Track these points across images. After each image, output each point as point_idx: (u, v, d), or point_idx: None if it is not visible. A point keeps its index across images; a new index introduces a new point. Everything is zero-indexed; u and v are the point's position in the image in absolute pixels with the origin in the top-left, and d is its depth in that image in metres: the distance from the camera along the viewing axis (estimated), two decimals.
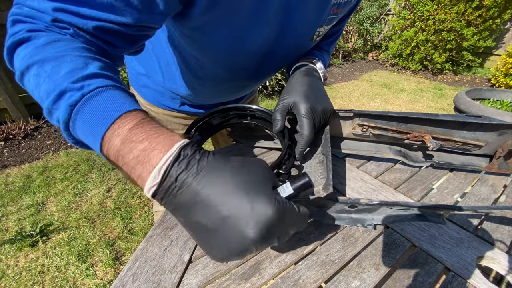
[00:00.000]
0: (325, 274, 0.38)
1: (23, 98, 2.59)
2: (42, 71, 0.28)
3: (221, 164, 0.25)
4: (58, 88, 0.26)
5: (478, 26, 3.76)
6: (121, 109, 0.25)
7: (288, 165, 0.47)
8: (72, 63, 0.28)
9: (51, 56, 0.28)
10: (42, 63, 0.28)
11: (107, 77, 0.28)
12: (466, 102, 2.33)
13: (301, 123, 0.47)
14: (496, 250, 0.41)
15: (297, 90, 0.50)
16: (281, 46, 0.54)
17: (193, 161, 0.24)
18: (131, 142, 0.24)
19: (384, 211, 0.42)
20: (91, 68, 0.28)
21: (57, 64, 0.27)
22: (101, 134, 0.25)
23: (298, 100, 0.48)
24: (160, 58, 0.61)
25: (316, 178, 0.49)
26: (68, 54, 0.28)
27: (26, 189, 1.84)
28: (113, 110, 0.25)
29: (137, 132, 0.24)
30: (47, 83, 0.27)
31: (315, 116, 0.48)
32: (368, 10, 4.67)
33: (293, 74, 0.55)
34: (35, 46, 0.29)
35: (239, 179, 0.24)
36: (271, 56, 0.56)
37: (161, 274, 0.39)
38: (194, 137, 0.58)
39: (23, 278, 1.27)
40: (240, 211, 0.23)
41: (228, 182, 0.24)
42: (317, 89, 0.52)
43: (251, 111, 0.58)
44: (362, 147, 0.61)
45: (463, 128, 0.51)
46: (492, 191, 0.52)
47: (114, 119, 0.25)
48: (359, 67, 4.82)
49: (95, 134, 0.25)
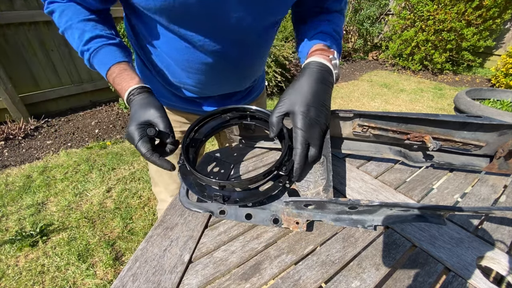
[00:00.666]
0: (325, 274, 0.38)
1: (23, 98, 2.60)
2: (67, 36, 0.56)
3: (136, 100, 0.50)
4: (78, 50, 0.55)
5: (478, 26, 3.76)
6: (110, 62, 0.53)
7: (288, 166, 0.47)
8: (77, 30, 0.53)
9: (65, 26, 0.54)
10: (65, 31, 0.55)
11: (98, 36, 0.54)
12: (466, 102, 2.33)
13: (295, 135, 0.46)
14: (496, 250, 0.41)
15: (299, 98, 0.46)
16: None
17: (134, 96, 0.50)
18: (116, 82, 0.53)
19: (384, 212, 0.42)
20: (87, 34, 0.53)
21: (71, 32, 0.54)
22: (105, 72, 0.54)
23: (297, 110, 0.46)
24: (140, 50, 0.69)
25: (316, 179, 0.49)
26: (73, 24, 0.53)
27: (26, 189, 1.84)
28: (107, 62, 0.53)
29: (119, 77, 0.52)
30: (73, 43, 0.56)
31: (311, 130, 0.46)
32: (368, 10, 4.67)
33: (303, 74, 0.49)
34: (55, 19, 0.56)
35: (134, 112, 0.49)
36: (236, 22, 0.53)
37: (161, 274, 0.39)
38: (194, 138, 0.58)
39: (23, 278, 1.27)
40: (130, 119, 0.48)
41: (133, 111, 0.49)
42: (320, 100, 0.47)
43: (251, 112, 0.58)
44: (362, 147, 0.61)
45: (463, 129, 0.51)
46: (492, 191, 0.52)
47: (109, 67, 0.53)
48: (359, 67, 4.82)
49: (102, 71, 0.55)
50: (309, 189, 0.48)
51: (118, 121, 2.80)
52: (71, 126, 2.71)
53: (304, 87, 0.47)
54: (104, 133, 2.60)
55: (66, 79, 2.86)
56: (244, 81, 0.74)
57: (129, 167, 2.11)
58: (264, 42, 0.66)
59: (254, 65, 0.71)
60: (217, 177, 0.59)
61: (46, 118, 2.76)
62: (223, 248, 0.43)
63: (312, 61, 0.50)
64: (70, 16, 0.53)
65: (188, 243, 0.44)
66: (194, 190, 0.48)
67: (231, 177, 0.61)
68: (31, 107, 2.70)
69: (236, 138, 0.70)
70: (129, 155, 2.25)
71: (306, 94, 0.46)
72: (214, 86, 0.70)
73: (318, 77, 0.48)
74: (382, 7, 4.90)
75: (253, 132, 0.67)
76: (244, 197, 0.47)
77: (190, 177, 0.50)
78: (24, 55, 2.54)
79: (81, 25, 0.53)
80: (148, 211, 1.68)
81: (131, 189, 1.86)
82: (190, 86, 0.68)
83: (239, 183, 0.46)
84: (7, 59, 2.46)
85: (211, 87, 0.70)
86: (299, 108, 0.46)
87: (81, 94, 3.01)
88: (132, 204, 1.74)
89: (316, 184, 0.48)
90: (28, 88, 2.66)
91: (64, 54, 2.76)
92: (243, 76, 0.72)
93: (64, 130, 2.62)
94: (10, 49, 2.46)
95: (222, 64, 0.62)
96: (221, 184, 0.45)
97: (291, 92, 0.48)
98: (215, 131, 0.62)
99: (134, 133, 0.46)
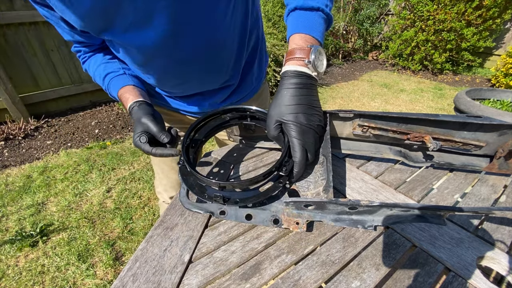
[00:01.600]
0: (325, 275, 0.38)
1: (23, 98, 2.60)
2: (96, 81, 0.72)
3: (133, 114, 0.60)
4: (103, 88, 0.71)
5: (478, 26, 3.76)
6: (117, 89, 0.67)
7: (288, 166, 0.47)
8: (98, 75, 0.70)
9: (93, 75, 0.72)
10: (94, 78, 0.72)
11: (109, 73, 0.68)
12: (466, 102, 2.33)
13: (292, 145, 0.47)
14: (497, 250, 0.41)
15: (284, 109, 0.47)
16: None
17: (133, 109, 0.61)
18: (123, 101, 0.65)
19: (384, 212, 0.42)
20: (102, 74, 0.68)
21: (98, 77, 0.70)
22: (117, 97, 0.67)
23: (287, 120, 0.47)
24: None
25: (317, 179, 0.49)
26: (95, 71, 0.70)
27: (26, 189, 1.84)
28: (115, 89, 0.67)
29: (122, 99, 0.65)
30: (101, 85, 0.71)
31: (305, 136, 0.47)
32: (368, 10, 4.67)
33: (282, 85, 0.49)
34: (89, 71, 0.73)
35: (134, 125, 0.59)
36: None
37: (161, 275, 0.39)
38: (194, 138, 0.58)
39: (23, 278, 1.27)
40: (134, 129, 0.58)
41: (134, 123, 0.60)
42: (306, 105, 0.48)
43: (251, 112, 0.58)
44: (362, 147, 0.61)
45: (463, 129, 0.51)
46: (492, 191, 0.52)
47: (117, 93, 0.67)
48: (359, 67, 4.82)
49: (116, 98, 0.68)
50: (309, 190, 0.48)
51: (118, 121, 2.80)
52: (71, 126, 2.71)
53: (285, 96, 0.48)
54: (104, 133, 2.60)
55: (66, 79, 2.86)
56: (210, 75, 0.70)
57: (129, 167, 2.11)
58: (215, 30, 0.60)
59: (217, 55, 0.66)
60: (217, 177, 0.59)
61: (46, 118, 2.76)
62: (223, 248, 0.43)
63: (288, 70, 0.50)
64: (92, 65, 0.71)
65: (188, 243, 0.44)
66: (194, 190, 0.48)
67: (231, 177, 0.61)
68: (31, 107, 2.71)
69: (236, 138, 0.70)
70: (129, 155, 2.25)
71: (289, 103, 0.47)
72: (176, 83, 0.71)
73: (297, 84, 0.48)
74: (382, 7, 4.90)
75: (253, 132, 0.67)
76: (244, 197, 0.47)
77: (190, 178, 0.50)
78: (24, 55, 2.54)
79: (99, 70, 0.69)
80: (148, 211, 1.68)
81: (131, 189, 1.86)
82: (154, 84, 0.73)
83: (239, 183, 0.46)
84: (7, 59, 2.46)
85: (172, 84, 0.72)
86: (288, 118, 0.47)
87: (81, 94, 3.01)
88: (132, 204, 1.74)
89: (316, 185, 0.48)
90: (28, 88, 2.66)
91: (64, 54, 2.76)
92: (207, 69, 0.68)
93: (64, 130, 2.62)
94: (10, 49, 2.46)
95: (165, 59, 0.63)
96: (221, 185, 0.45)
97: (275, 105, 0.49)
98: (215, 132, 0.62)
99: (137, 141, 0.56)
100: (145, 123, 0.57)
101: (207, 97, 0.77)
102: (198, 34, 0.58)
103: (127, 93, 0.65)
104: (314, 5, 0.54)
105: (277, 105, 0.48)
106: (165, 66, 0.64)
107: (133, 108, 0.60)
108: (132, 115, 0.60)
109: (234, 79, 0.76)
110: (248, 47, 0.73)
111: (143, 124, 0.57)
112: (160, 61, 0.62)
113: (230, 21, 0.61)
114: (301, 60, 0.49)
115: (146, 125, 0.57)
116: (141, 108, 0.60)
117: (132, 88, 0.66)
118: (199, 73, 0.68)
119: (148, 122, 0.57)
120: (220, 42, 0.63)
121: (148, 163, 2.15)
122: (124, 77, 0.68)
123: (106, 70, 0.68)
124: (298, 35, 0.53)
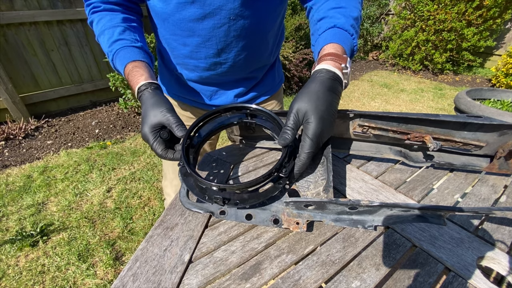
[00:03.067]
0: (326, 274, 0.38)
1: (24, 98, 2.60)
2: (100, 41, 0.63)
3: (144, 98, 0.54)
4: (106, 51, 0.62)
5: (478, 26, 3.75)
6: (127, 60, 0.59)
7: (288, 168, 0.47)
8: (107, 35, 0.61)
9: (99, 32, 0.62)
10: (99, 36, 0.63)
11: (122, 39, 0.60)
12: (466, 102, 2.33)
13: (303, 143, 0.45)
14: (497, 251, 0.41)
15: (314, 106, 0.45)
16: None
17: (142, 92, 0.54)
18: (129, 79, 0.58)
19: (385, 212, 0.42)
20: (114, 36, 0.60)
21: (103, 37, 0.62)
22: (122, 71, 0.60)
23: (312, 120, 0.44)
24: (158, 38, 0.73)
25: (317, 179, 0.49)
26: (105, 30, 0.61)
27: (26, 189, 1.84)
28: (125, 60, 0.59)
29: (131, 74, 0.57)
30: (103, 48, 0.63)
31: (320, 141, 0.46)
32: (368, 10, 4.66)
33: (315, 82, 0.47)
34: (93, 27, 0.64)
35: (146, 112, 0.52)
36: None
37: (161, 274, 0.39)
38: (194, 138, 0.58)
39: (23, 278, 1.27)
40: (142, 119, 0.52)
41: (144, 110, 0.53)
42: (332, 111, 0.47)
43: (251, 111, 0.58)
44: (362, 147, 0.61)
45: (463, 129, 0.51)
46: (492, 192, 0.52)
47: (125, 64, 0.58)
48: (360, 67, 4.82)
49: (121, 71, 0.60)
50: (309, 190, 0.48)
51: (118, 121, 2.80)
52: (72, 126, 2.71)
53: (317, 95, 0.46)
54: (104, 133, 2.60)
55: (66, 79, 2.86)
56: (250, 54, 0.70)
57: (129, 167, 2.11)
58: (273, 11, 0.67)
59: (263, 36, 0.69)
60: (217, 178, 0.59)
61: (47, 118, 2.76)
62: (223, 248, 0.43)
63: (324, 68, 0.48)
64: (104, 23, 0.62)
65: (188, 243, 0.44)
66: (194, 191, 0.48)
67: (231, 177, 0.61)
68: (32, 107, 2.71)
69: (236, 138, 0.70)
70: (129, 155, 2.25)
71: (320, 103, 0.45)
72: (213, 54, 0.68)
73: (329, 87, 0.47)
74: (382, 7, 4.90)
75: (253, 132, 0.67)
76: (244, 199, 0.47)
77: (191, 179, 0.50)
78: (24, 55, 2.54)
79: (111, 30, 0.61)
80: (148, 211, 1.68)
81: (131, 189, 1.86)
82: (188, 57, 0.70)
83: (239, 186, 0.46)
84: (7, 59, 2.46)
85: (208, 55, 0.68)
86: (314, 117, 0.44)
87: (81, 94, 3.01)
88: (132, 204, 1.74)
89: (316, 185, 0.48)
90: (29, 88, 2.66)
91: (64, 54, 2.76)
92: (250, 47, 0.68)
93: (65, 130, 2.63)
94: (10, 49, 2.46)
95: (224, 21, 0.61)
96: (221, 187, 0.45)
97: (304, 99, 0.46)
98: (215, 131, 0.62)
99: (148, 135, 0.51)
100: (164, 111, 0.51)
101: (230, 86, 0.77)
102: (261, 8, 0.62)
103: (140, 68, 0.57)
104: (349, 30, 0.57)
105: (306, 101, 0.45)
106: (214, 29, 0.62)
107: (146, 89, 0.54)
108: (144, 97, 0.53)
109: (261, 71, 0.80)
110: (279, 41, 0.81)
111: (160, 112, 0.50)
112: (216, 21, 0.60)
113: (282, 6, 0.69)
114: (339, 64, 0.49)
115: (164, 113, 0.51)
116: (157, 93, 0.54)
117: (146, 66, 0.59)
118: (242, 49, 0.68)
119: (167, 110, 0.51)
120: (274, 23, 0.70)
121: (149, 163, 2.15)
122: (139, 51, 0.61)
123: (121, 35, 0.60)
124: (338, 45, 0.53)
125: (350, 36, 0.57)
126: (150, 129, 0.51)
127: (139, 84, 0.55)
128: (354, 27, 0.58)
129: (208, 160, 0.66)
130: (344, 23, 0.57)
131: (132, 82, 0.57)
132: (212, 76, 0.73)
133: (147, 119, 0.51)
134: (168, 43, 0.70)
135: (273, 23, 0.71)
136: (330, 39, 0.54)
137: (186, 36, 0.65)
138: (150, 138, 0.51)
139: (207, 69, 0.71)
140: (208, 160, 0.66)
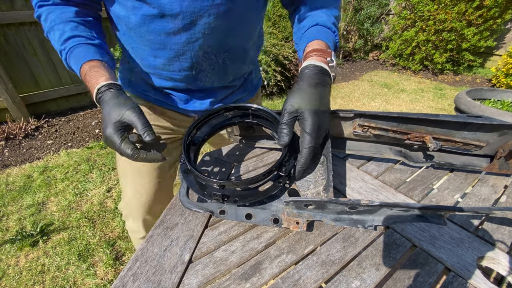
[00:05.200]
0: (326, 274, 0.38)
1: (24, 98, 2.60)
2: (50, 38, 0.56)
3: (106, 99, 0.48)
4: (57, 50, 0.55)
5: (478, 26, 3.75)
6: (83, 60, 0.52)
7: (288, 167, 0.47)
8: (58, 31, 0.54)
9: (48, 28, 0.55)
10: (48, 33, 0.56)
11: (76, 36, 0.54)
12: (466, 102, 2.32)
13: (303, 139, 0.45)
14: (497, 251, 0.41)
15: (307, 102, 0.45)
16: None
17: (102, 94, 0.49)
18: (87, 80, 0.51)
19: (385, 212, 0.42)
20: (67, 33, 0.53)
21: (53, 34, 0.55)
22: (78, 71, 0.53)
23: (307, 116, 0.45)
24: (122, 44, 0.65)
25: (317, 179, 0.49)
26: (55, 25, 0.54)
27: (26, 189, 1.84)
28: (80, 60, 0.52)
29: (89, 74, 0.51)
30: (54, 45, 0.55)
31: (319, 136, 0.46)
32: (368, 10, 4.66)
33: (303, 78, 0.48)
34: (42, 22, 0.56)
35: (108, 113, 0.47)
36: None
37: (161, 274, 0.39)
38: (195, 137, 0.58)
39: (23, 278, 1.27)
40: (104, 121, 0.47)
41: (106, 112, 0.47)
42: (325, 104, 0.48)
43: (252, 110, 0.58)
44: (362, 147, 0.61)
45: (463, 129, 0.51)
46: (492, 192, 0.52)
47: (81, 65, 0.52)
48: (360, 67, 4.82)
49: (76, 70, 0.54)
50: (309, 189, 0.48)
51: None
52: (72, 126, 2.71)
53: (308, 91, 0.47)
54: None
55: (67, 79, 2.86)
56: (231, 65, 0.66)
57: None
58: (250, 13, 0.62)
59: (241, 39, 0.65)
60: (218, 177, 0.59)
61: (47, 118, 2.76)
62: (223, 248, 0.43)
63: (311, 64, 0.50)
64: (53, 18, 0.54)
65: (188, 243, 0.44)
66: (194, 188, 0.48)
67: (231, 176, 0.61)
68: (32, 107, 2.71)
69: (236, 138, 0.70)
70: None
71: (312, 98, 0.46)
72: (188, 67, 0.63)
73: (318, 80, 0.48)
74: (382, 7, 4.89)
75: (254, 131, 0.67)
76: (243, 196, 0.47)
77: (191, 176, 0.50)
78: (24, 55, 2.54)
79: (62, 26, 0.53)
80: None
81: None
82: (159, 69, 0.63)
83: (239, 183, 0.46)
84: (7, 59, 2.46)
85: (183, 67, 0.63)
86: (308, 113, 0.45)
87: (81, 94, 3.01)
88: None
89: (317, 184, 0.48)
90: (29, 88, 2.66)
91: None
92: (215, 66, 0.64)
93: (65, 130, 2.62)
94: (10, 49, 2.46)
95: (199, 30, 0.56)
96: (221, 184, 0.45)
97: (296, 96, 0.46)
98: (216, 130, 0.62)
99: (113, 136, 0.46)
100: (130, 109, 0.46)
101: (207, 94, 0.72)
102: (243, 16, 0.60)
103: (100, 69, 0.51)
104: (331, 28, 0.60)
105: (298, 98, 0.46)
106: (189, 44, 0.58)
107: (108, 89, 0.48)
108: (106, 98, 0.47)
109: (240, 79, 0.76)
110: (259, 47, 0.78)
111: (126, 111, 0.46)
112: (190, 35, 0.56)
113: (259, 15, 0.66)
114: (324, 58, 0.52)
115: (130, 112, 0.46)
116: (120, 93, 0.49)
117: (106, 66, 0.53)
118: (221, 62, 0.64)
119: (133, 109, 0.46)
120: (251, 33, 0.67)
121: None
122: (96, 49, 0.54)
123: (75, 31, 0.53)
124: (322, 41, 0.56)
125: (333, 33, 0.60)
126: (115, 129, 0.46)
127: (99, 84, 0.49)
128: (336, 25, 0.62)
129: (208, 160, 0.66)
130: (326, 21, 0.60)
131: (90, 83, 0.50)
132: (189, 86, 0.68)
133: (110, 118, 0.46)
134: (135, 52, 0.63)
135: (253, 33, 0.67)
136: (314, 36, 0.57)
137: (157, 49, 0.59)
138: (115, 139, 0.45)
139: (182, 80, 0.66)
140: (208, 160, 0.66)
